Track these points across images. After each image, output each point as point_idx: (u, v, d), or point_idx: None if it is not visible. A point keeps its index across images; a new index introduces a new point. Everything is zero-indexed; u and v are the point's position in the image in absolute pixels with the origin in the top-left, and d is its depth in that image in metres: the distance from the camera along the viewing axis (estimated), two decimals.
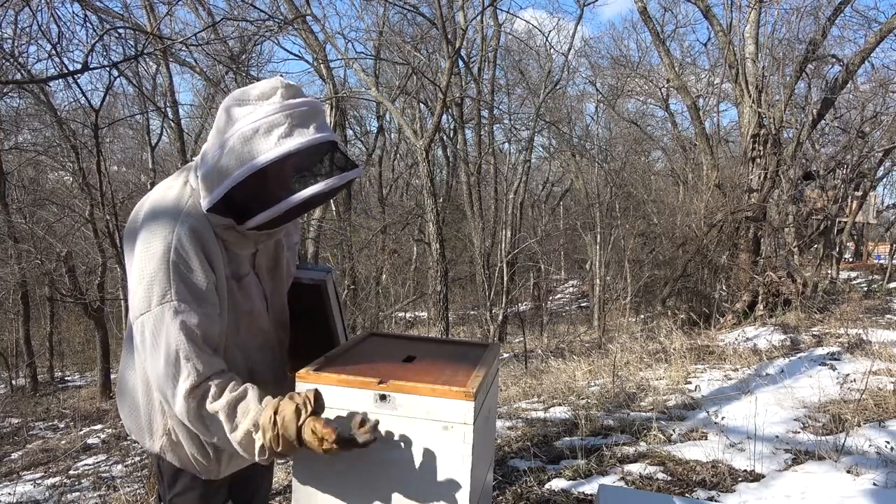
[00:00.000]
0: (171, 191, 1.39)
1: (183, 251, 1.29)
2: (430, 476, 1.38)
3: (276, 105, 1.28)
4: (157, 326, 1.27)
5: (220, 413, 1.27)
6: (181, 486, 1.54)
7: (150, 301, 1.27)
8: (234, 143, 1.27)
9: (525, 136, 16.34)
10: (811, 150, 12.17)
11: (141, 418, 1.48)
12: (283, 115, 1.27)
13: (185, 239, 1.29)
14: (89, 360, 15.90)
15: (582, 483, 2.96)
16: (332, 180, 1.29)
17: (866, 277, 13.31)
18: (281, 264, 1.58)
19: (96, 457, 7.18)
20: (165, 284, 1.27)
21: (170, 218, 1.31)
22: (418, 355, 1.67)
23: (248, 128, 1.27)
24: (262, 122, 1.26)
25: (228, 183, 1.27)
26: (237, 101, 1.32)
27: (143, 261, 1.29)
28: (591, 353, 7.94)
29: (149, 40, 4.25)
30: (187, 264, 1.29)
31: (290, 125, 1.27)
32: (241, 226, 1.34)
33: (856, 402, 3.73)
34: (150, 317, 1.27)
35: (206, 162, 1.33)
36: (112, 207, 4.95)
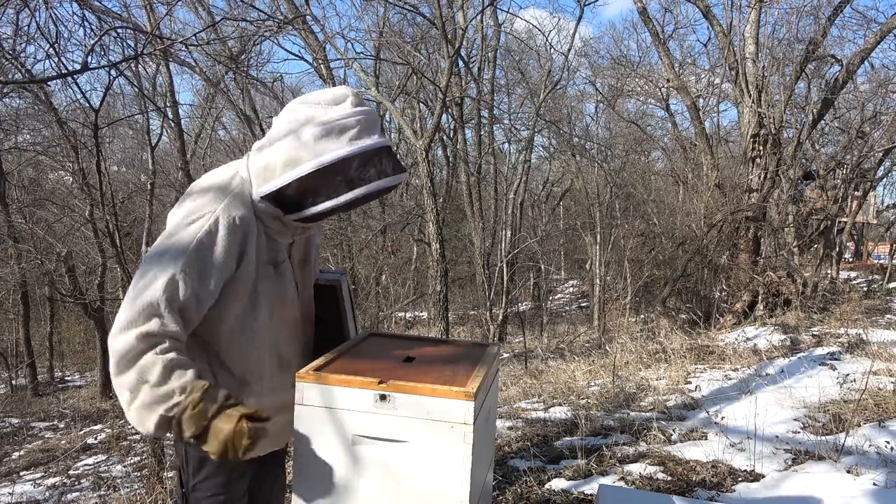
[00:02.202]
0: (221, 175, 1.51)
1: (214, 234, 1.39)
2: (430, 476, 1.38)
3: (347, 110, 1.42)
4: (155, 274, 1.34)
5: (158, 364, 1.30)
6: (207, 471, 1.58)
7: (164, 252, 1.38)
8: (307, 138, 1.40)
9: (525, 136, 16.33)
10: (811, 150, 12.16)
11: None
12: (354, 119, 1.42)
13: (221, 224, 1.40)
14: (89, 360, 15.89)
15: (582, 483, 2.96)
16: (388, 179, 1.44)
17: (866, 277, 13.30)
18: (310, 260, 1.68)
19: (96, 457, 7.18)
20: (183, 252, 1.36)
21: (215, 198, 1.43)
22: (418, 355, 1.67)
23: (321, 127, 1.40)
24: (336, 123, 1.40)
25: (296, 172, 1.40)
26: (307, 103, 1.45)
27: (178, 224, 1.40)
28: (591, 353, 7.95)
29: (148, 40, 4.25)
30: (211, 248, 1.39)
31: (360, 129, 1.42)
32: (287, 216, 1.46)
33: (856, 402, 3.73)
34: (153, 261, 1.37)
35: (267, 154, 1.44)
36: (112, 207, 4.95)
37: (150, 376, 1.30)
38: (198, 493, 1.61)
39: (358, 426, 1.41)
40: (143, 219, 13.02)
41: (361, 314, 12.38)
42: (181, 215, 1.42)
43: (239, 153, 13.75)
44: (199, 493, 1.61)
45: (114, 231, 4.62)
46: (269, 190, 1.43)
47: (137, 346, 1.30)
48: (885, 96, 11.76)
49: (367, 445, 1.41)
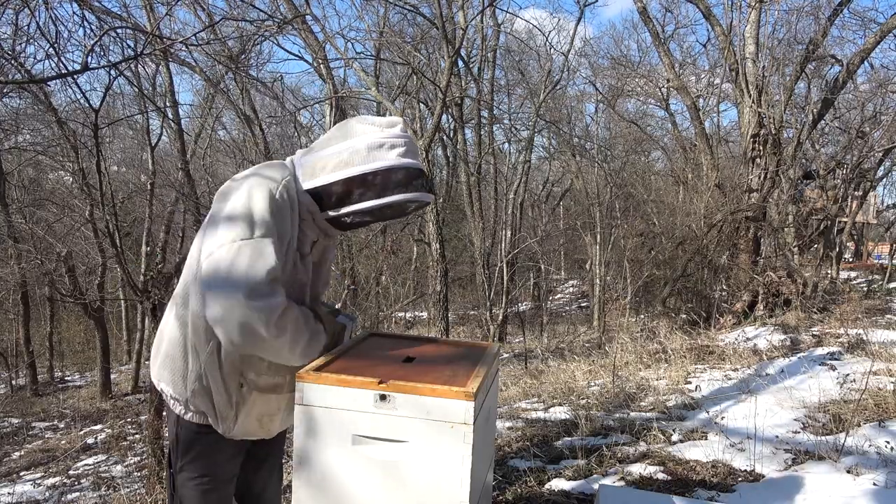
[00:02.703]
0: (270, 166, 1.67)
1: (283, 202, 1.56)
2: (430, 476, 1.38)
3: (399, 132, 1.64)
4: (257, 252, 1.48)
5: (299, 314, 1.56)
6: (196, 452, 1.69)
7: (253, 231, 1.49)
8: (360, 147, 1.59)
9: (525, 136, 16.33)
10: (811, 150, 12.16)
11: (177, 365, 1.65)
12: (402, 140, 1.63)
13: (285, 194, 1.58)
14: (89, 360, 15.90)
15: (582, 483, 2.96)
16: (421, 194, 1.61)
17: (866, 277, 13.30)
18: (325, 265, 1.81)
19: (96, 457, 7.18)
20: (269, 222, 1.52)
21: (275, 177, 1.60)
22: (418, 355, 1.67)
23: (376, 140, 1.59)
24: (389, 140, 1.60)
25: (347, 172, 1.58)
26: (364, 122, 1.66)
27: (246, 198, 1.53)
28: (591, 353, 7.95)
29: (148, 40, 4.25)
30: (282, 213, 1.56)
31: (407, 149, 1.62)
32: (323, 213, 1.63)
33: (856, 402, 3.73)
34: (250, 243, 1.48)
35: (319, 155, 1.62)
36: (112, 207, 4.94)
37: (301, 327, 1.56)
38: (185, 474, 1.70)
39: (358, 426, 1.41)
40: (143, 219, 13.04)
41: (361, 314, 12.38)
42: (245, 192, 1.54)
43: (239, 153, 13.74)
44: (185, 474, 1.70)
45: (114, 231, 4.62)
46: (317, 184, 1.60)
47: (288, 312, 1.51)
48: (884, 96, 11.75)
49: (367, 445, 1.41)
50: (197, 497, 1.70)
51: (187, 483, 1.70)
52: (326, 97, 10.34)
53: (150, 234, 12.66)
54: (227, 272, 1.45)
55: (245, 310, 1.43)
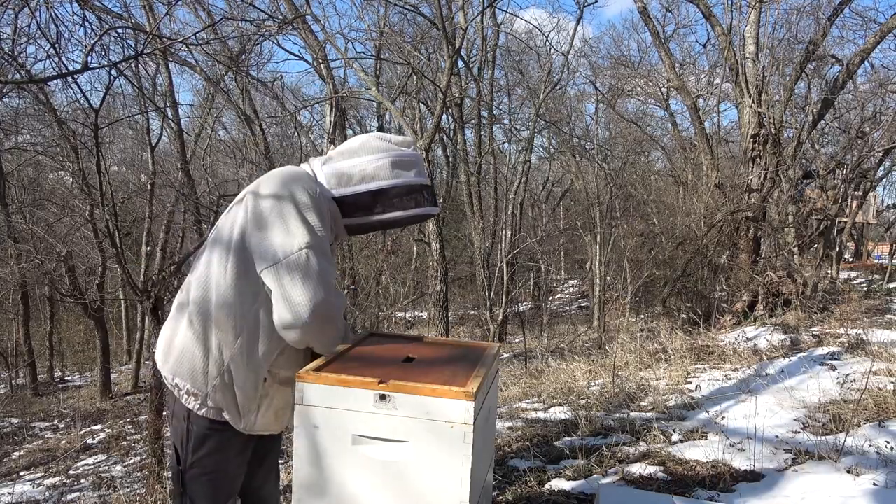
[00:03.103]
0: (299, 169, 1.76)
1: (323, 209, 1.67)
2: (430, 476, 1.38)
3: (414, 153, 1.84)
4: (322, 256, 1.60)
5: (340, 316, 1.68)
6: (208, 448, 1.71)
7: (314, 238, 1.60)
8: (383, 163, 1.76)
9: (525, 136, 16.33)
10: (811, 150, 12.16)
11: (196, 360, 1.68)
12: (418, 160, 1.84)
13: (322, 196, 1.69)
14: (89, 360, 15.90)
15: (582, 483, 2.96)
16: (431, 208, 1.81)
17: (866, 277, 13.30)
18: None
19: (96, 457, 7.18)
20: (321, 225, 1.63)
21: (310, 180, 1.71)
22: (418, 355, 1.67)
23: (398, 158, 1.78)
24: (409, 158, 1.80)
25: (375, 185, 1.74)
26: (382, 139, 1.81)
27: (300, 202, 1.62)
28: (591, 353, 7.95)
29: (148, 40, 4.25)
30: (325, 220, 1.65)
31: (420, 168, 1.83)
32: (345, 218, 1.76)
33: (856, 402, 3.73)
34: (315, 249, 1.59)
35: (342, 165, 1.76)
36: (112, 207, 4.94)
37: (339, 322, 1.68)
38: (195, 470, 1.72)
39: (358, 426, 1.41)
40: (143, 219, 13.03)
41: (361, 314, 12.38)
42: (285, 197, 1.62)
43: (239, 153, 13.73)
44: (196, 470, 1.72)
45: (114, 231, 4.61)
46: (347, 193, 1.74)
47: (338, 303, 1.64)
48: (884, 96, 11.75)
49: (367, 445, 1.41)
50: (208, 493, 1.73)
51: (198, 479, 1.72)
52: (326, 97, 10.35)
53: (150, 234, 12.66)
54: (303, 280, 1.56)
55: (331, 308, 1.59)
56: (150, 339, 6.10)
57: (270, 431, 1.79)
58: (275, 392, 1.71)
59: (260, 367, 1.65)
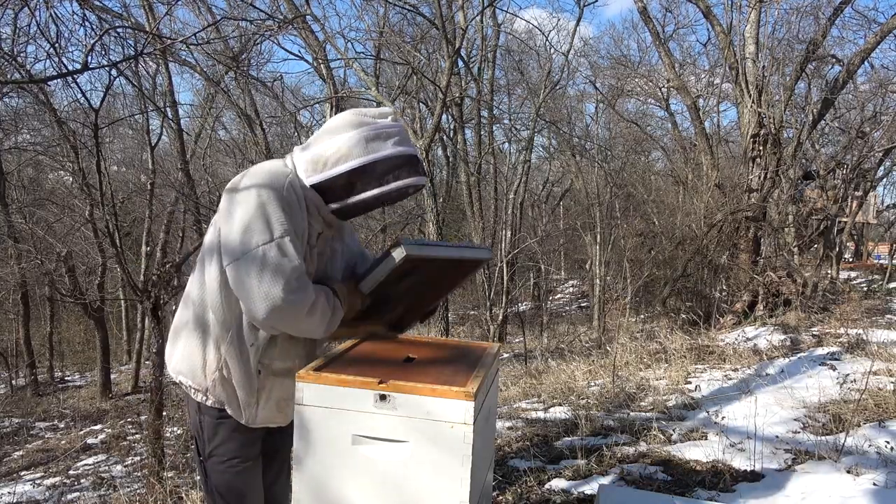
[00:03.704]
0: (275, 162, 1.72)
1: (290, 200, 1.62)
2: (430, 476, 1.37)
3: (391, 121, 1.72)
4: (282, 252, 1.56)
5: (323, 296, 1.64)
6: (221, 436, 1.76)
7: (273, 233, 1.56)
8: (358, 139, 1.65)
9: (525, 136, 16.32)
10: (811, 150, 12.16)
11: (196, 357, 1.72)
12: (395, 129, 1.70)
13: (291, 191, 1.63)
14: (89, 360, 15.90)
15: (582, 483, 2.95)
16: (418, 178, 1.69)
17: (866, 277, 13.30)
18: (326, 256, 1.83)
19: (96, 457, 7.18)
20: (284, 221, 1.58)
21: (279, 174, 1.65)
22: (418, 355, 1.67)
23: (372, 132, 1.66)
24: (383, 131, 1.68)
25: (349, 165, 1.64)
26: (358, 113, 1.72)
27: (257, 204, 1.58)
28: (591, 353, 7.94)
29: (148, 40, 4.25)
30: (292, 210, 1.61)
31: (401, 137, 1.70)
32: (327, 205, 1.69)
33: (856, 402, 3.73)
34: (274, 245, 1.56)
35: (316, 149, 1.68)
36: (112, 207, 4.94)
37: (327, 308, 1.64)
38: (215, 459, 1.77)
39: (358, 426, 1.41)
40: (143, 219, 13.03)
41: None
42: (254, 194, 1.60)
43: (239, 153, 13.73)
44: (216, 458, 1.77)
45: (114, 231, 4.61)
46: (321, 178, 1.66)
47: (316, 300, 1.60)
48: (885, 96, 11.75)
49: (367, 445, 1.41)
50: (231, 479, 1.77)
51: (218, 467, 1.77)
52: (326, 97, 10.35)
53: (150, 234, 12.66)
54: (258, 276, 1.54)
55: (287, 305, 1.54)
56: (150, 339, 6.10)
57: (276, 423, 1.80)
58: (272, 383, 1.72)
59: (250, 359, 1.68)
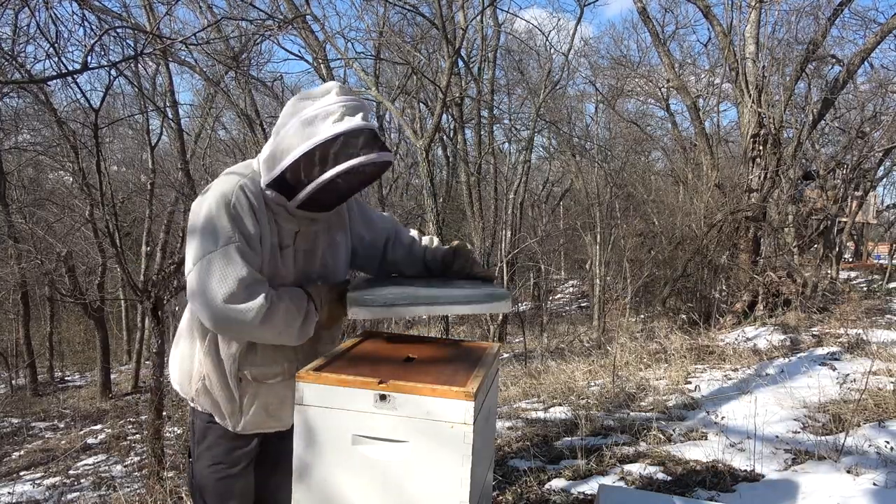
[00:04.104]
0: (236, 168, 1.70)
1: (240, 206, 1.58)
2: (430, 476, 1.37)
3: (331, 99, 1.58)
4: (226, 261, 1.53)
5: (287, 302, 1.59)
6: (209, 440, 1.77)
7: (217, 242, 1.54)
8: (297, 127, 1.56)
9: (525, 136, 16.32)
10: (811, 150, 12.15)
11: (185, 366, 1.76)
12: (336, 105, 1.56)
13: (241, 197, 1.59)
14: (89, 360, 15.90)
15: (582, 483, 2.96)
16: (369, 156, 1.53)
17: (866, 277, 13.30)
18: (315, 251, 1.78)
19: (96, 457, 7.18)
20: (230, 228, 1.56)
21: (230, 181, 1.62)
22: (418, 355, 1.67)
23: (308, 115, 1.56)
24: (321, 110, 1.55)
25: (290, 158, 1.55)
26: (300, 98, 1.62)
27: (207, 212, 1.57)
28: (591, 353, 7.94)
29: (148, 40, 4.25)
30: (241, 217, 1.58)
31: (342, 113, 1.55)
32: (290, 202, 1.61)
33: (856, 402, 3.73)
34: (217, 254, 1.54)
35: (269, 146, 1.62)
36: (112, 207, 4.94)
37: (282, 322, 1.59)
38: (201, 462, 1.79)
39: (358, 426, 1.41)
40: (143, 219, 13.03)
41: None
42: (207, 203, 1.59)
43: (239, 153, 13.74)
44: (202, 462, 1.79)
45: (114, 231, 4.61)
46: (269, 179, 1.60)
47: (264, 308, 1.54)
48: (885, 96, 11.75)
49: (367, 445, 1.41)
50: (213, 484, 1.79)
51: (204, 471, 1.79)
52: None
53: (150, 234, 12.66)
54: (204, 285, 1.53)
55: (227, 314, 1.53)
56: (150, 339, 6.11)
57: (270, 429, 1.80)
58: (257, 390, 1.71)
59: (227, 369, 1.69)
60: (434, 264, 1.94)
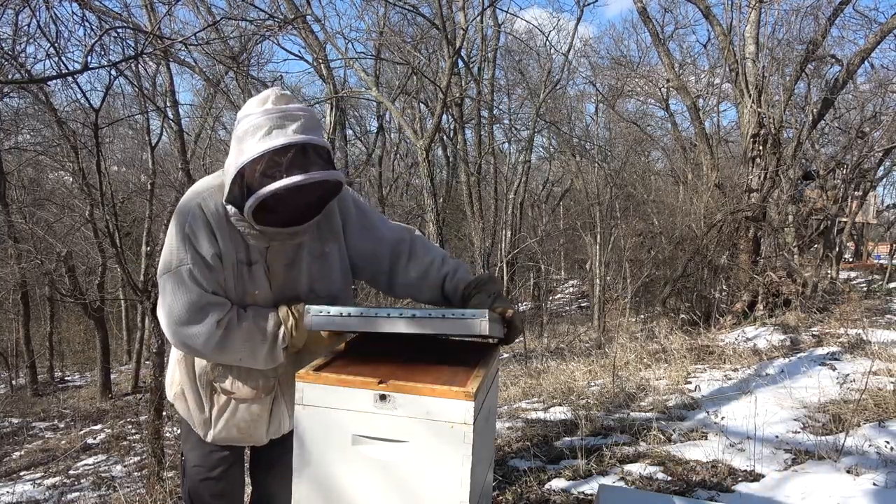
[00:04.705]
0: (204, 181, 1.64)
1: (195, 226, 1.54)
2: (430, 476, 1.37)
3: (263, 109, 1.48)
4: (177, 283, 1.52)
5: (249, 325, 1.55)
6: (190, 443, 1.81)
7: (171, 264, 1.53)
8: (234, 142, 1.50)
9: (525, 136, 16.34)
10: (811, 150, 12.15)
11: (169, 369, 1.80)
12: (265, 118, 1.46)
13: (196, 217, 1.54)
14: (89, 360, 15.91)
15: (582, 483, 2.96)
16: (294, 179, 1.40)
17: (866, 277, 13.30)
18: (299, 264, 1.68)
19: (96, 457, 7.18)
20: (182, 250, 1.53)
21: (189, 202, 1.57)
22: (418, 355, 1.67)
23: (240, 130, 1.48)
24: (250, 124, 1.46)
25: (228, 178, 1.49)
26: (245, 108, 1.54)
27: (170, 232, 1.57)
28: (591, 353, 7.94)
29: (148, 40, 4.25)
30: (196, 236, 1.53)
31: (270, 127, 1.44)
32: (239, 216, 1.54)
33: (856, 402, 3.73)
34: (170, 276, 1.53)
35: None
36: (112, 207, 4.95)
37: (244, 348, 1.56)
38: (187, 463, 1.84)
39: (358, 426, 1.41)
40: (143, 219, 13.03)
41: None
42: (171, 223, 1.58)
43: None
44: (188, 463, 1.84)
45: (114, 231, 4.62)
46: (223, 198, 1.54)
47: (218, 333, 1.52)
48: (884, 96, 11.75)
49: (367, 445, 1.41)
50: (196, 485, 1.82)
51: (190, 471, 1.84)
52: (326, 97, 10.35)
53: (150, 234, 12.65)
54: (160, 305, 1.56)
55: (179, 336, 1.54)
56: (150, 339, 6.10)
57: (243, 443, 1.80)
58: (234, 408, 1.70)
59: (199, 378, 1.69)
60: (454, 297, 1.72)
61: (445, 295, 1.73)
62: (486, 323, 1.39)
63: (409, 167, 21.62)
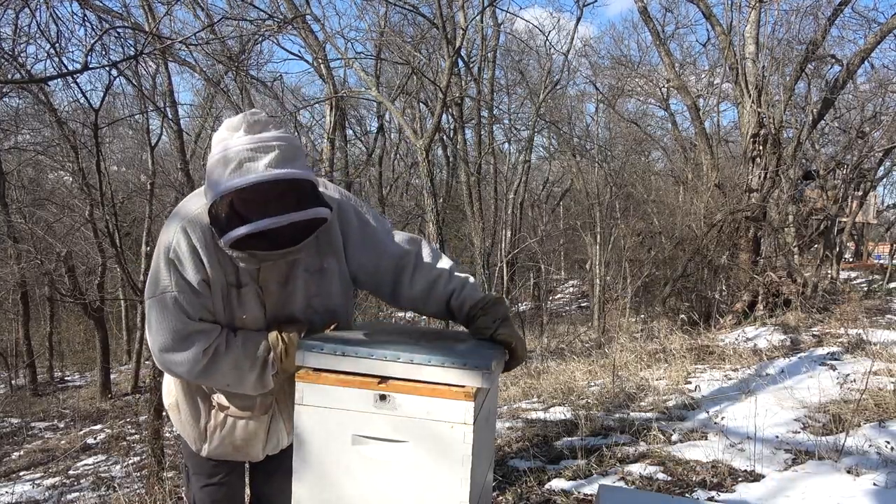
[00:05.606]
0: (190, 200, 1.57)
1: (179, 250, 1.48)
2: (430, 476, 1.37)
3: (234, 139, 1.39)
4: (161, 310, 1.47)
5: (237, 352, 1.51)
6: (188, 450, 1.79)
7: (156, 289, 1.48)
8: (209, 168, 1.41)
9: (525, 136, 16.34)
10: (811, 150, 12.15)
11: (166, 379, 1.78)
12: (235, 150, 1.36)
13: (180, 243, 1.48)
14: (89, 360, 15.89)
15: (582, 483, 2.95)
16: (262, 223, 1.31)
17: (866, 277, 13.31)
18: (294, 281, 1.60)
19: (96, 457, 7.18)
20: (167, 276, 1.47)
21: (175, 223, 1.51)
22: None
23: (212, 161, 1.40)
24: (220, 155, 1.38)
25: (205, 206, 1.43)
26: (218, 133, 1.45)
27: (155, 255, 1.52)
28: (591, 353, 7.94)
29: (148, 40, 4.25)
30: (181, 261, 1.48)
31: (240, 161, 1.35)
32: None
33: (856, 402, 3.73)
34: (155, 301, 1.48)
35: None
36: (112, 207, 4.95)
37: (231, 374, 1.52)
38: (189, 470, 1.86)
39: (358, 426, 1.41)
40: (143, 219, 13.03)
41: (361, 314, 12.38)
42: (157, 245, 1.53)
43: None
44: (189, 471, 1.85)
45: (114, 231, 4.62)
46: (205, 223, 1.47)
47: (203, 361, 1.49)
48: (885, 96, 11.76)
49: (367, 445, 1.41)
50: (196, 492, 1.83)
51: (191, 478, 1.84)
52: (326, 97, 10.34)
53: (150, 234, 12.64)
54: (147, 327, 1.53)
55: (163, 362, 1.52)
56: None
57: (236, 459, 1.77)
58: (225, 421, 1.66)
59: (203, 396, 1.66)
60: (459, 315, 1.64)
61: (451, 310, 1.67)
62: (489, 375, 1.36)
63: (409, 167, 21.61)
